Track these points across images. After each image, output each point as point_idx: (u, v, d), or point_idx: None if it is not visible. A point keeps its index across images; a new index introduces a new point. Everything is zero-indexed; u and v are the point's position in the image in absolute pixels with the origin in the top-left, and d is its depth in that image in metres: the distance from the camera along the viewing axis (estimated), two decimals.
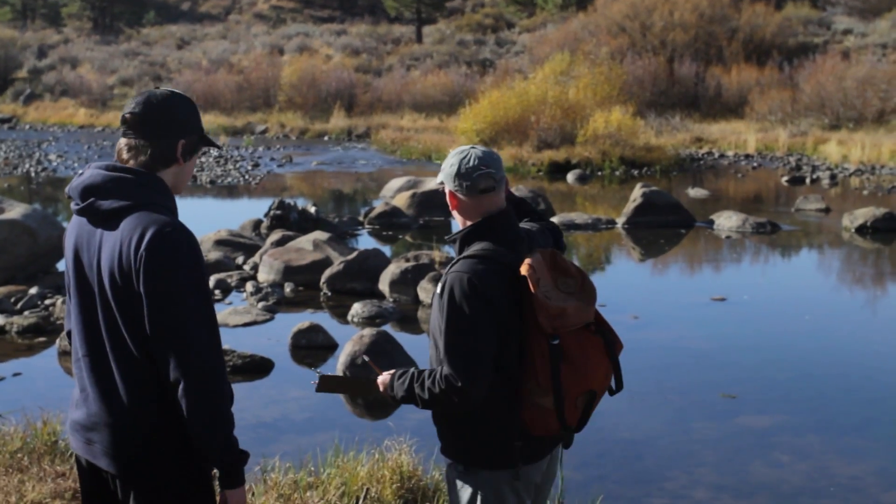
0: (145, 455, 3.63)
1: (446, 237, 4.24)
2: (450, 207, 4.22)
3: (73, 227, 3.75)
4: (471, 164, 4.08)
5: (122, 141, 3.74)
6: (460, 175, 4.10)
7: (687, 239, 20.14)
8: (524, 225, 4.41)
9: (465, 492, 4.13)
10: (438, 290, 4.06)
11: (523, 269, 3.95)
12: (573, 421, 4.03)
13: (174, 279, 3.51)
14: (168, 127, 3.72)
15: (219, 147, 3.99)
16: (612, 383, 4.17)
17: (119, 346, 3.59)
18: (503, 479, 4.08)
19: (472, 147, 4.19)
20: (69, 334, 3.89)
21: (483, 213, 4.12)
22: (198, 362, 3.52)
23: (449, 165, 4.15)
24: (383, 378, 4.29)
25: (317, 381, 4.68)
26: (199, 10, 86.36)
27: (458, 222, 4.24)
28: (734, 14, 49.61)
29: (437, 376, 3.96)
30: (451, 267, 4.06)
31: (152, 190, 3.67)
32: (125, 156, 3.72)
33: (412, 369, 4.18)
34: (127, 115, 3.70)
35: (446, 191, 4.20)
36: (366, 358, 4.72)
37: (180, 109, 3.77)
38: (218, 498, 3.78)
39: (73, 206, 3.74)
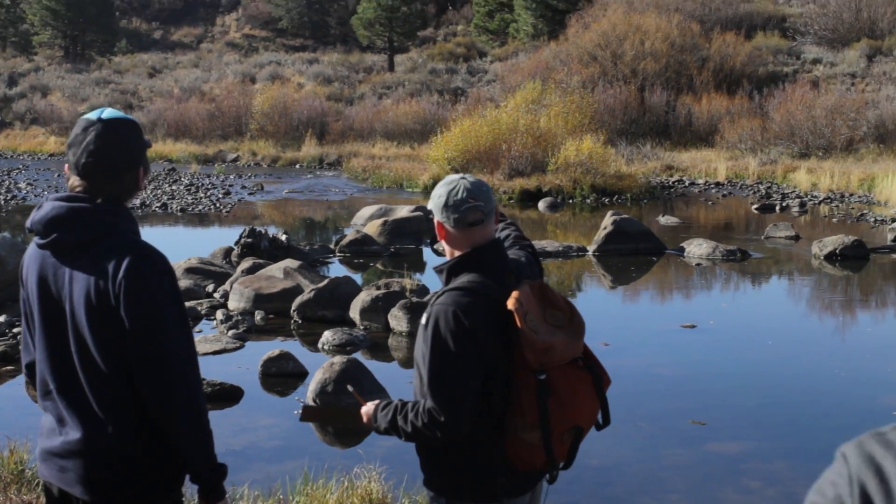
0: (121, 482, 3.65)
1: (434, 267, 4.21)
2: (437, 237, 4.18)
3: (34, 260, 3.71)
4: (459, 196, 4.03)
5: (76, 181, 3.68)
6: (448, 207, 4.05)
7: (657, 266, 20.20)
8: (512, 254, 4.38)
9: None
10: (423, 321, 4.01)
11: (510, 304, 3.90)
12: (562, 457, 4.01)
13: (155, 303, 3.56)
14: (127, 163, 3.70)
15: (149, 145, 3.91)
16: (599, 418, 4.15)
17: (94, 376, 3.59)
18: None
19: (462, 177, 4.13)
20: (28, 367, 3.86)
21: (471, 244, 4.06)
22: (182, 380, 3.58)
23: (437, 196, 4.10)
24: (367, 409, 4.26)
25: (300, 411, 4.65)
26: (171, 39, 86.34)
27: (446, 252, 4.20)
28: (704, 43, 49.92)
29: (420, 410, 3.93)
30: (436, 299, 4.01)
31: (117, 218, 3.66)
32: (81, 191, 3.67)
33: (396, 401, 4.14)
34: (81, 165, 3.62)
35: (434, 220, 4.16)
36: (350, 388, 4.70)
37: (132, 138, 3.73)
38: None
39: (35, 240, 3.71)
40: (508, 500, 4.07)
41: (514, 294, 3.94)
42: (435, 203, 4.11)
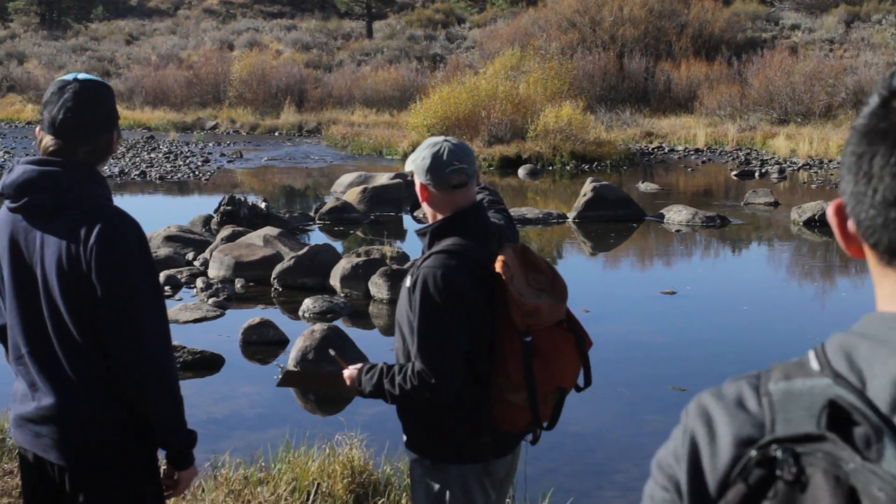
0: (96, 446, 3.64)
1: (416, 230, 4.20)
2: (419, 199, 4.16)
3: (5, 223, 3.68)
4: (443, 158, 4.03)
5: (50, 140, 3.65)
6: (432, 170, 4.03)
7: (637, 233, 20.23)
8: (490, 217, 4.38)
9: (433, 487, 4.12)
10: (409, 283, 4.02)
11: (498, 267, 3.92)
12: (546, 417, 4.05)
13: (126, 268, 3.54)
14: (103, 124, 3.69)
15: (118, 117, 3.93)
16: (581, 380, 4.19)
17: (67, 340, 3.58)
18: (471, 473, 4.08)
19: (445, 139, 4.13)
20: (2, 329, 3.85)
21: (454, 207, 4.06)
22: (151, 347, 3.56)
23: (421, 158, 4.08)
24: (350, 372, 4.25)
25: (279, 376, 4.64)
26: (148, 6, 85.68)
27: (427, 215, 4.20)
28: (683, 9, 49.81)
29: (409, 372, 3.93)
30: (422, 262, 4.00)
31: (89, 182, 3.63)
32: (54, 154, 3.65)
33: (381, 364, 4.14)
34: (58, 122, 3.60)
35: (416, 182, 4.14)
36: (332, 352, 4.69)
37: (108, 101, 3.73)
38: (164, 477, 3.84)
39: (7, 204, 3.68)
40: (493, 460, 4.10)
41: (501, 257, 3.96)
42: (418, 165, 4.10)
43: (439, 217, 4.10)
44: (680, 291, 14.58)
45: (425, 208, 4.18)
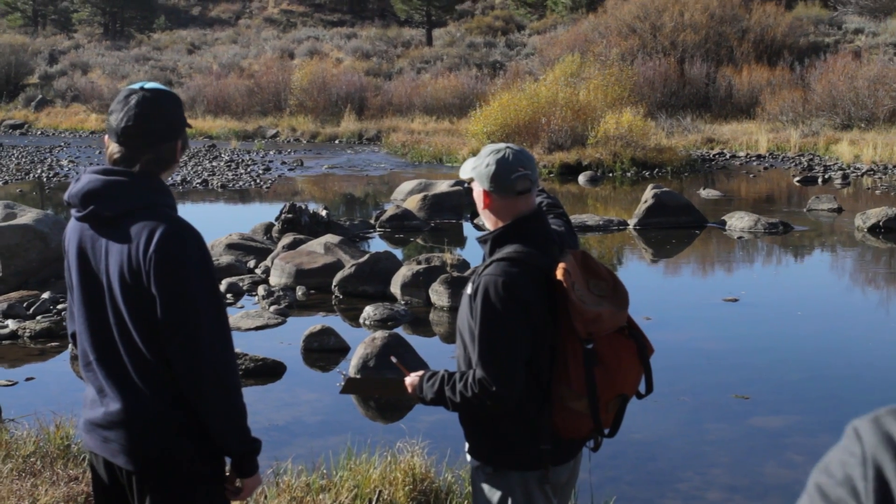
0: (164, 451, 3.68)
1: (477, 238, 4.21)
2: (481, 206, 4.15)
3: (74, 232, 3.76)
4: (509, 164, 4.03)
5: (115, 147, 3.70)
6: (497, 176, 4.03)
7: (699, 240, 20.10)
8: (552, 223, 4.37)
9: (495, 494, 4.13)
10: (470, 291, 4.03)
11: (559, 274, 3.91)
12: (608, 424, 4.05)
13: (185, 277, 3.57)
14: (166, 132, 3.71)
15: (189, 126, 3.97)
16: (642, 387, 4.18)
17: (132, 347, 3.63)
18: (533, 480, 4.08)
19: (507, 146, 4.12)
20: (73, 336, 3.90)
21: (516, 214, 4.06)
22: (210, 355, 3.59)
23: (484, 165, 4.08)
24: (411, 379, 4.28)
25: (342, 383, 4.66)
26: (210, 15, 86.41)
27: (488, 222, 4.19)
28: (744, 14, 49.42)
29: (470, 380, 3.95)
30: (483, 269, 4.01)
31: (153, 191, 3.68)
32: (119, 161, 3.70)
33: (442, 371, 4.16)
34: (121, 130, 3.65)
35: (479, 189, 4.13)
36: (393, 359, 4.71)
37: (173, 110, 3.75)
38: (227, 483, 3.85)
39: (73, 213, 3.74)
40: (553, 467, 4.09)
41: (562, 265, 3.95)
42: (481, 172, 4.09)
43: (500, 224, 4.09)
44: (742, 299, 14.46)
45: (485, 215, 4.17)
